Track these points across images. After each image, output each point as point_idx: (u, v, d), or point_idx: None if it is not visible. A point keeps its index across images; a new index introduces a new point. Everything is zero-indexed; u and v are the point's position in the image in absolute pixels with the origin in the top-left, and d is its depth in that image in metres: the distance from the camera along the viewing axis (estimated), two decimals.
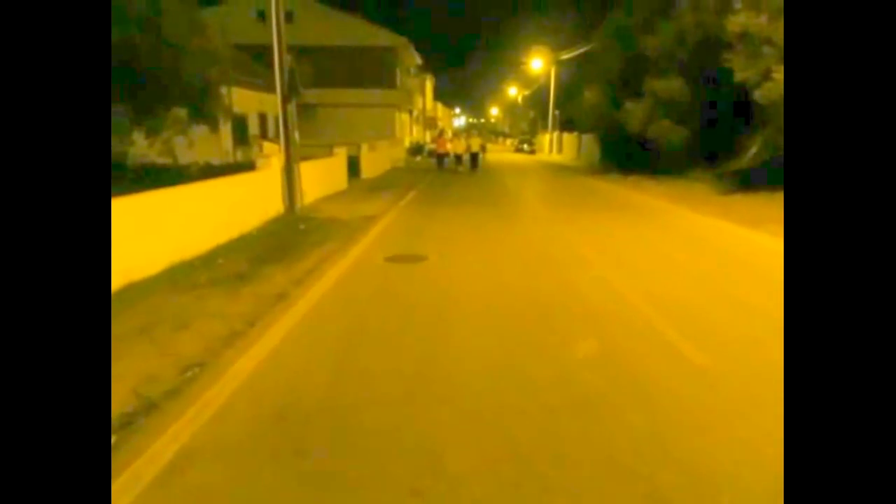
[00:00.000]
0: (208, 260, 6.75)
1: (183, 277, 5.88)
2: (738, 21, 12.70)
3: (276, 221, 9.43)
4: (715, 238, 8.41)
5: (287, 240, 8.12)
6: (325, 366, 3.61)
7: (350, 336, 4.16)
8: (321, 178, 13.10)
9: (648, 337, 4.09)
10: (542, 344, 3.95)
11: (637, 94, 17.92)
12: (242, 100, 20.12)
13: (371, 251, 7.33)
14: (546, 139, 43.62)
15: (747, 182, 13.53)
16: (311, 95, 26.90)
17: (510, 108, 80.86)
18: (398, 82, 32.03)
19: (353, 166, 16.80)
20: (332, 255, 7.07)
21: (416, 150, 34.09)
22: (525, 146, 48.08)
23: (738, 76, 12.80)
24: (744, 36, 12.72)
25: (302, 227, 9.17)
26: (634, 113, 17.92)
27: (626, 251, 7.32)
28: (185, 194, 6.85)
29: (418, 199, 13.41)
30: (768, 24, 11.95)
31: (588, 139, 30.34)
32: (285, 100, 10.05)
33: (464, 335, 4.13)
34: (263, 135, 20.47)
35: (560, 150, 39.22)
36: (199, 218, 7.09)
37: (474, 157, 21.31)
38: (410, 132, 39.19)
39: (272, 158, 9.86)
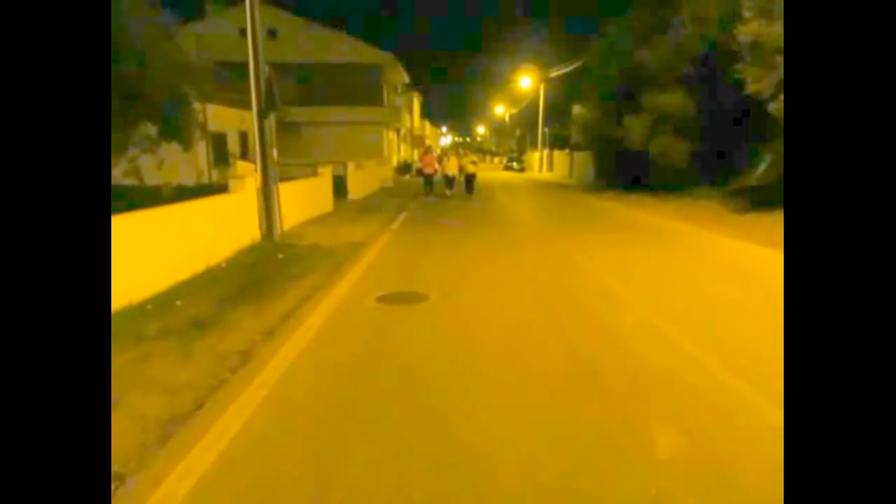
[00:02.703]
0: (164, 302, 5.58)
1: (127, 327, 4.70)
2: (748, 30, 11.92)
3: (252, 251, 8.27)
4: (749, 265, 7.41)
5: (262, 274, 6.96)
6: (297, 487, 2.47)
7: (334, 427, 3.01)
8: (304, 199, 11.99)
9: (749, 421, 2.98)
10: (601, 437, 2.84)
11: (636, 109, 17.13)
12: (222, 117, 19.04)
13: (360, 288, 6.20)
14: (536, 157, 43.01)
15: (761, 199, 12.66)
16: (296, 113, 26.08)
17: (497, 127, 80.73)
18: (385, 100, 31.14)
19: (340, 186, 15.71)
20: (315, 294, 5.93)
21: (405, 168, 33.20)
22: (514, 164, 47.49)
23: (751, 88, 11.96)
24: (755, 45, 11.94)
25: (280, 256, 8.03)
26: (634, 128, 17.11)
27: (659, 284, 6.28)
28: (137, 222, 5.68)
29: (411, 221, 12.33)
30: (782, 33, 11.20)
31: (581, 156, 29.66)
32: (262, 114, 8.96)
33: (490, 425, 3.00)
34: (244, 154, 19.33)
35: (551, 167, 38.56)
36: (156, 250, 5.92)
37: (469, 180, 18.06)
38: (398, 151, 38.26)
39: (247, 179, 8.74)
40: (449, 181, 17.97)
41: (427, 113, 61.08)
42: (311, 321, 4.94)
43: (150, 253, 5.79)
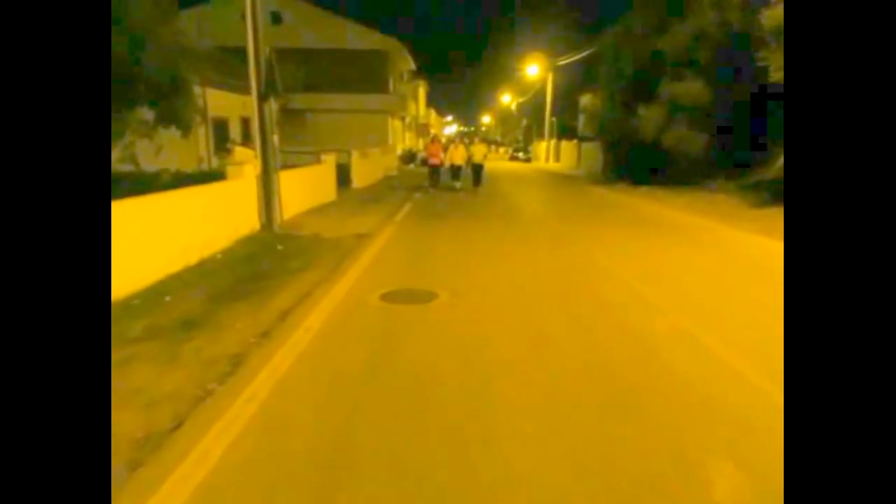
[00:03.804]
0: (152, 298, 5.18)
1: (112, 326, 4.28)
2: (774, 15, 11.35)
3: (250, 241, 7.86)
4: (776, 263, 6.93)
5: (259, 267, 6.55)
6: None
7: (331, 456, 2.59)
8: (306, 188, 11.56)
9: None
10: (647, 475, 2.42)
11: (651, 99, 16.54)
12: (223, 102, 18.58)
13: (364, 284, 5.78)
14: (543, 147, 42.37)
15: (779, 194, 12.15)
16: (300, 100, 25.53)
17: (503, 116, 79.84)
18: (391, 87, 30.56)
19: (343, 175, 15.27)
20: (315, 291, 5.51)
21: (409, 157, 32.69)
22: (520, 154, 46.97)
23: (775, 76, 11.42)
24: (781, 31, 11.37)
25: (280, 248, 7.62)
26: (648, 119, 16.52)
27: (686, 284, 5.83)
28: (125, 210, 5.24)
29: (417, 211, 11.88)
30: None
31: (589, 147, 29.06)
32: (262, 97, 8.50)
33: (515, 457, 2.57)
34: (245, 140, 18.87)
35: (558, 158, 37.95)
36: (145, 240, 5.51)
37: (477, 171, 16.57)
38: (403, 139, 37.71)
39: (245, 166, 8.30)
40: (455, 172, 16.67)
41: (432, 101, 60.33)
42: (310, 321, 4.52)
43: (138, 243, 5.37)
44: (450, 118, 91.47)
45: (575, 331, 4.28)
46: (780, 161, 14.76)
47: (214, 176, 9.94)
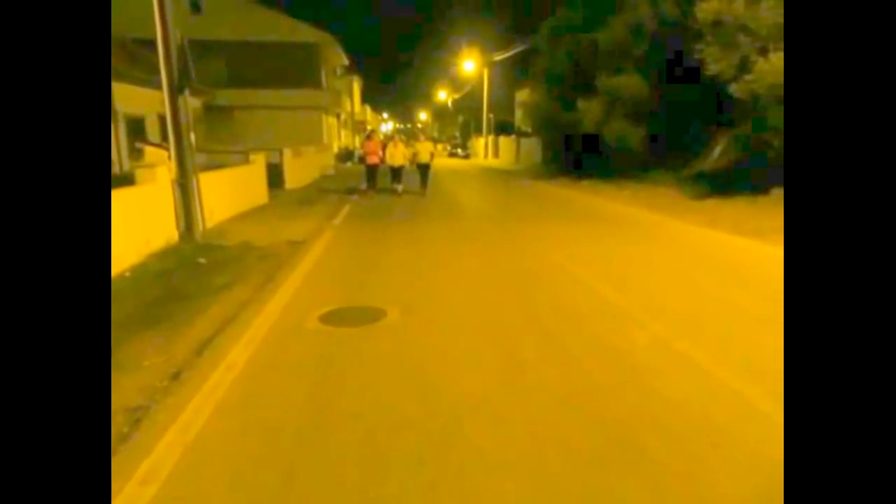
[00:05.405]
0: None
1: None
2: (709, 8, 11.40)
3: (166, 254, 6.87)
4: (734, 258, 6.76)
5: (176, 285, 5.65)
6: None
7: None
8: (234, 191, 10.54)
9: None
10: None
11: (590, 93, 16.49)
12: (138, 98, 16.91)
13: (300, 302, 5.03)
14: (481, 143, 42.28)
15: (717, 186, 12.28)
16: (226, 96, 23.92)
17: (439, 113, 79.51)
18: (324, 82, 29.30)
19: (275, 175, 14.22)
20: (242, 313, 4.72)
21: (346, 156, 31.62)
22: (459, 150, 46.89)
23: (711, 69, 11.48)
24: (716, 24, 11.44)
25: (202, 261, 6.70)
26: (588, 112, 16.48)
27: (653, 286, 5.46)
28: None
29: (357, 214, 11.10)
30: (745, 11, 10.72)
31: (528, 142, 29.13)
32: (175, 91, 7.49)
33: None
34: (163, 140, 17.31)
35: (496, 154, 37.95)
36: None
37: (423, 172, 14.65)
38: (339, 137, 36.46)
39: (158, 168, 7.28)
40: (395, 174, 14.47)
41: (368, 98, 58.95)
42: (235, 355, 3.76)
43: None
44: (386, 115, 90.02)
45: (548, 351, 3.75)
46: (715, 153, 15.07)
47: (125, 180, 8.81)
